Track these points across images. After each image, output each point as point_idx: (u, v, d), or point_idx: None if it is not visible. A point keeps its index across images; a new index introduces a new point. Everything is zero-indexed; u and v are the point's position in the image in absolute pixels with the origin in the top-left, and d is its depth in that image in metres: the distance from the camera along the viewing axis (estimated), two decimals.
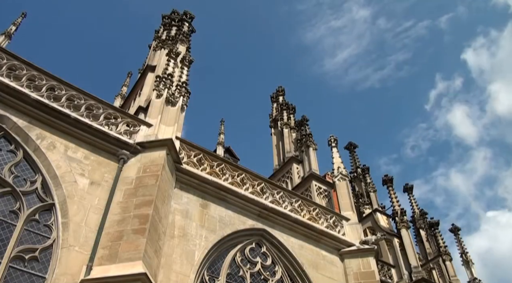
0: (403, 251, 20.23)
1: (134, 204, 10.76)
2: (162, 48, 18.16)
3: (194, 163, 13.41)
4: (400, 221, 21.66)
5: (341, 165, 18.79)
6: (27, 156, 10.78)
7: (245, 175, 14.50)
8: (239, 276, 12.26)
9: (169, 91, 14.35)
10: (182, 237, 11.62)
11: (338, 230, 15.49)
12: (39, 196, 10.35)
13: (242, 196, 13.63)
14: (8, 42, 18.66)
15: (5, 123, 10.84)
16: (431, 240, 23.27)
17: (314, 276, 13.48)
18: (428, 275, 20.80)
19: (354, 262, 14.61)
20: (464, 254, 24.57)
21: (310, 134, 21.61)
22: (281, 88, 27.51)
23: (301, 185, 19.49)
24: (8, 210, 9.82)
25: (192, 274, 11.05)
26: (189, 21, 19.59)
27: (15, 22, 19.61)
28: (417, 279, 18.76)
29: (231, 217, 13.06)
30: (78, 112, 11.97)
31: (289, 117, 24.60)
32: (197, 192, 12.88)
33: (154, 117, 13.32)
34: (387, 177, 24.79)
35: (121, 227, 10.28)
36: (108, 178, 11.33)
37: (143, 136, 12.57)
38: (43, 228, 10.01)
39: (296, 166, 20.90)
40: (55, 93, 12.04)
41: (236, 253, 12.60)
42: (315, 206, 15.87)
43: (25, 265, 9.32)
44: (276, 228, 13.89)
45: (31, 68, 12.04)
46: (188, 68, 16.06)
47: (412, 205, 25.28)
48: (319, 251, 14.49)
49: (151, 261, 10.02)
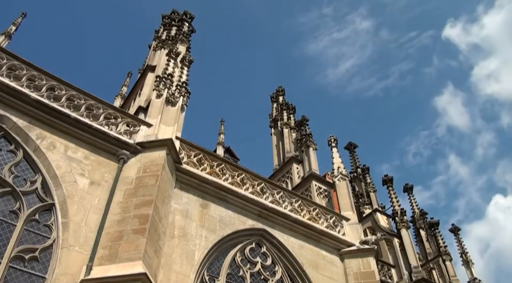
0: (403, 251, 20.23)
1: (134, 204, 10.76)
2: (162, 48, 18.16)
3: (194, 163, 13.42)
4: (400, 221, 21.66)
5: (341, 165, 18.79)
6: (27, 156, 10.78)
7: (245, 175, 14.50)
8: (239, 276, 12.26)
9: (169, 91, 14.35)
10: (182, 237, 11.62)
11: (338, 230, 15.49)
12: (39, 196, 10.35)
13: (242, 196, 13.63)
14: (8, 42, 18.66)
15: (5, 123, 10.84)
16: (431, 240, 23.27)
17: (314, 276, 13.48)
18: (428, 275, 20.80)
19: (354, 262, 14.61)
20: (464, 254, 24.57)
21: (310, 134, 21.61)
22: (281, 88, 27.50)
23: (301, 185, 19.49)
24: (8, 210, 9.83)
25: (192, 274, 11.05)
26: (189, 21, 19.60)
27: (15, 22, 19.61)
28: (417, 279, 18.76)
29: (231, 217, 13.06)
30: (78, 112, 11.97)
31: (289, 117, 24.60)
32: (197, 192, 12.88)
33: (154, 117, 13.32)
34: (387, 177, 24.78)
35: (121, 227, 10.28)
36: (108, 178, 11.33)
37: (143, 136, 12.57)
38: (43, 228, 10.01)
39: (296, 166, 20.90)
40: (55, 93, 12.04)
41: (236, 253, 12.60)
42: (315, 206, 15.88)
43: (25, 265, 9.31)
44: (276, 228, 13.89)
45: (31, 68, 12.04)
46: (188, 68, 16.07)
47: (412, 205, 25.28)
48: (319, 251, 14.49)
49: (151, 261, 10.02)
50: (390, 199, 23.59)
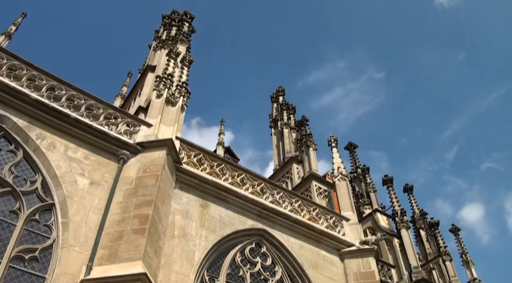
0: (403, 251, 20.22)
1: (134, 204, 10.76)
2: (162, 48, 18.16)
3: (194, 163, 13.42)
4: (400, 221, 21.65)
5: (341, 165, 18.79)
6: (27, 156, 10.78)
7: (245, 175, 14.50)
8: (239, 276, 12.26)
9: (169, 91, 14.35)
10: (182, 237, 11.62)
11: (338, 230, 15.49)
12: (39, 196, 10.35)
13: (242, 196, 13.63)
14: (8, 42, 18.67)
15: (5, 123, 10.84)
16: (431, 240, 23.27)
17: (314, 276, 13.48)
18: (428, 275, 20.79)
19: (354, 262, 14.61)
20: (464, 254, 24.56)
21: (310, 134, 21.62)
22: (281, 88, 27.48)
23: (301, 185, 19.50)
24: (8, 210, 9.82)
25: (192, 274, 11.05)
26: (189, 21, 19.60)
27: (15, 22, 19.63)
28: (417, 279, 18.75)
29: (231, 217, 13.06)
30: (78, 112, 11.97)
31: (289, 117, 24.60)
32: (197, 192, 12.88)
33: (154, 117, 13.32)
34: (387, 177, 24.78)
35: (121, 227, 10.28)
36: (108, 178, 11.33)
37: (143, 136, 12.57)
38: (43, 228, 10.01)
39: (296, 166, 20.90)
40: (55, 93, 12.04)
41: (236, 253, 12.60)
42: (315, 206, 15.88)
43: (25, 265, 9.31)
44: (276, 228, 13.90)
45: (31, 68, 12.04)
46: (188, 68, 16.07)
47: (412, 205, 25.28)
48: (319, 251, 14.49)
49: (151, 261, 10.02)
50: (390, 199, 23.61)
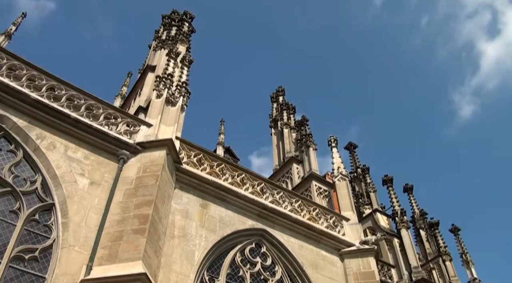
0: (403, 251, 20.24)
1: (134, 204, 10.75)
2: (162, 48, 18.17)
3: (194, 163, 13.41)
4: (400, 221, 21.67)
5: (341, 165, 18.77)
6: (27, 156, 10.78)
7: (245, 175, 14.50)
8: (239, 276, 12.26)
9: (169, 91, 14.35)
10: (182, 237, 11.62)
11: (338, 230, 15.49)
12: (39, 196, 10.35)
13: (242, 196, 13.62)
14: (8, 42, 18.67)
15: (5, 123, 10.84)
16: (431, 240, 23.29)
17: (314, 276, 13.48)
18: (428, 275, 20.80)
19: (354, 262, 14.60)
20: (464, 254, 24.57)
21: (310, 134, 21.61)
22: (281, 88, 27.50)
23: (301, 185, 19.49)
24: (8, 210, 9.82)
25: (192, 274, 11.04)
26: (189, 21, 19.61)
27: (15, 22, 19.62)
28: (417, 279, 18.76)
29: (231, 217, 13.06)
30: (78, 112, 11.97)
31: (289, 117, 24.60)
32: (197, 192, 12.87)
33: (154, 117, 13.32)
34: (387, 177, 24.80)
35: (121, 227, 10.28)
36: (108, 178, 11.32)
37: (143, 136, 12.57)
38: (43, 228, 10.01)
39: (296, 166, 20.90)
40: (55, 93, 12.04)
41: (236, 253, 12.59)
42: (315, 206, 15.87)
43: (25, 265, 9.31)
44: (276, 228, 13.89)
45: (31, 68, 12.03)
46: (188, 68, 16.07)
47: (412, 205, 25.29)
48: (319, 251, 14.49)
49: (151, 261, 10.02)
50: (390, 199, 23.62)
